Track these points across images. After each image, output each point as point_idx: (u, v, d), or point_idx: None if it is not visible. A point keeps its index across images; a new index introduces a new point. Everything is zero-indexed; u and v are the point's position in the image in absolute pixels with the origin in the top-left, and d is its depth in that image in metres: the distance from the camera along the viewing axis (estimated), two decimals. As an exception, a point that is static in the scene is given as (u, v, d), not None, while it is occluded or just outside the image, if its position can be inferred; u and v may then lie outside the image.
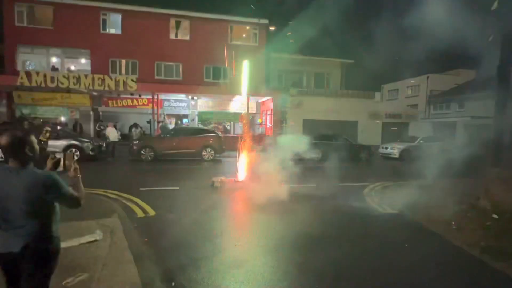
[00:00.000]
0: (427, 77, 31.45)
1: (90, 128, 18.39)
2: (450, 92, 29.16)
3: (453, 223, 5.30)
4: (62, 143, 11.91)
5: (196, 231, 4.90)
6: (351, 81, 25.97)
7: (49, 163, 2.10)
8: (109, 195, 6.83)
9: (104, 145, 13.11)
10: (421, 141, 16.47)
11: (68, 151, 2.34)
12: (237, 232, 5.19)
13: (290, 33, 17.98)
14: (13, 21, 17.87)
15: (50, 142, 11.63)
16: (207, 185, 7.91)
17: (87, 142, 12.37)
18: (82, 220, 4.77)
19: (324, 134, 16.16)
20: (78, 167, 2.11)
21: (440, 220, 5.51)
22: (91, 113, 18.90)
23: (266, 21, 21.08)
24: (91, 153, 12.22)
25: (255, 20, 20.99)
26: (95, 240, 4.10)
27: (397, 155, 15.89)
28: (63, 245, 3.89)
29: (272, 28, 20.68)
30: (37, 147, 1.98)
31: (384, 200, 6.91)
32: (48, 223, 1.92)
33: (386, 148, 16.85)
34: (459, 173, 9.56)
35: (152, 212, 5.73)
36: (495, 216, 5.62)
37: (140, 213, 5.67)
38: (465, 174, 9.04)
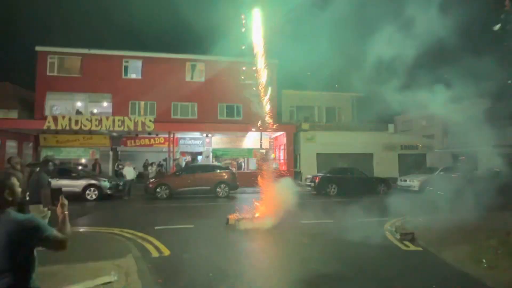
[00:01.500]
0: (441, 107, 31.20)
1: (109, 167, 18.99)
2: (468, 121, 28.58)
3: (483, 260, 4.93)
4: (82, 182, 12.37)
5: (210, 271, 4.77)
6: (363, 114, 26.02)
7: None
8: (124, 234, 6.85)
9: (121, 183, 13.46)
10: (441, 172, 15.90)
11: (56, 187, 2.20)
12: (251, 272, 5.01)
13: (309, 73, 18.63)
14: (45, 71, 19.58)
15: (72, 182, 12.13)
16: (222, 223, 7.82)
17: (104, 181, 12.75)
18: (98, 260, 4.79)
19: (338, 168, 15.95)
20: (66, 203, 1.98)
21: (469, 257, 5.14)
22: (111, 153, 19.66)
23: (276, 61, 22.09)
24: (108, 192, 12.57)
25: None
26: (110, 282, 4.07)
27: (417, 188, 15.30)
28: (80, 286, 3.91)
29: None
30: (18, 190, 1.84)
31: (406, 236, 6.56)
32: (27, 273, 1.73)
33: (405, 180, 16.32)
34: (486, 206, 9.06)
35: (166, 252, 5.67)
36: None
37: (154, 253, 5.62)
38: (492, 207, 8.55)
